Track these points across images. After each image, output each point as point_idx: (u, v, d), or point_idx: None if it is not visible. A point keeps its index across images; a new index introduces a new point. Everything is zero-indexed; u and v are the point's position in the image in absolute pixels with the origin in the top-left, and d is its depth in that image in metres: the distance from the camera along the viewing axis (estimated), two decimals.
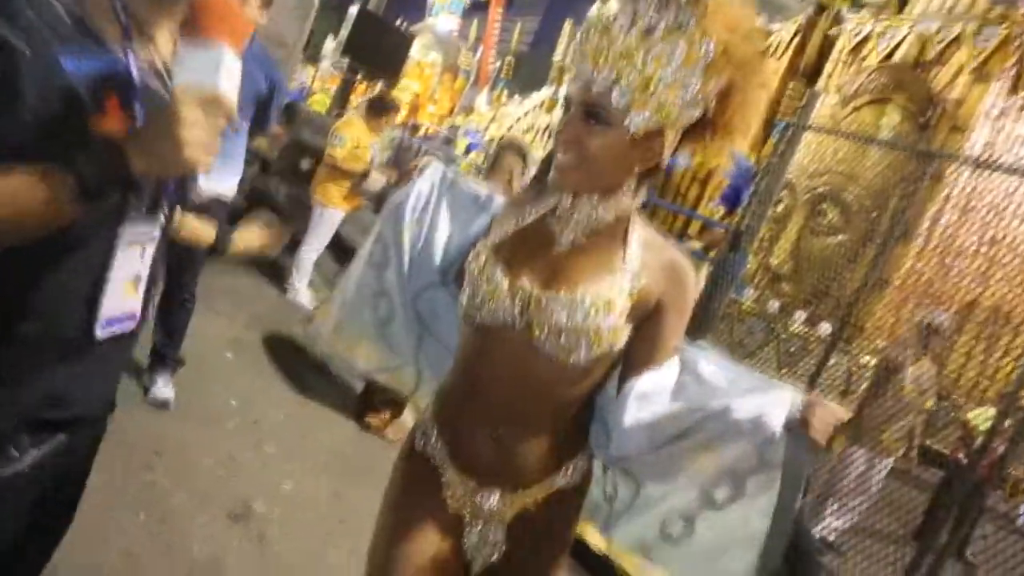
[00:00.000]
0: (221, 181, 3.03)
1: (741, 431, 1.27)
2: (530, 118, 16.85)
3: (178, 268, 3.15)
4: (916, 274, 7.96)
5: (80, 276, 1.05)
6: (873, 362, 6.36)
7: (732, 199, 7.81)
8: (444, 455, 1.38)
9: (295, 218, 5.50)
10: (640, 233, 1.31)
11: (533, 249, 1.31)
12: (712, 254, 5.85)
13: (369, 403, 3.77)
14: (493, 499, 1.35)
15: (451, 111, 20.07)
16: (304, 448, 3.32)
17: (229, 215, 4.25)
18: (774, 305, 7.94)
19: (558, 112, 15.67)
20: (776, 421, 1.25)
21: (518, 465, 1.34)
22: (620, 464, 1.43)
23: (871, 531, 4.72)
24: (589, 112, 1.20)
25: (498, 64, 22.21)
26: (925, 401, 4.81)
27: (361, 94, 13.80)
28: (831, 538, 4.66)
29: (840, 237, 8.19)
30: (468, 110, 19.71)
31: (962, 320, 7.70)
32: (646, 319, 1.29)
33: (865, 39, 9.27)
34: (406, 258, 1.57)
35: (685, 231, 9.92)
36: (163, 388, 3.21)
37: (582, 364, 1.25)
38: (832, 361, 5.50)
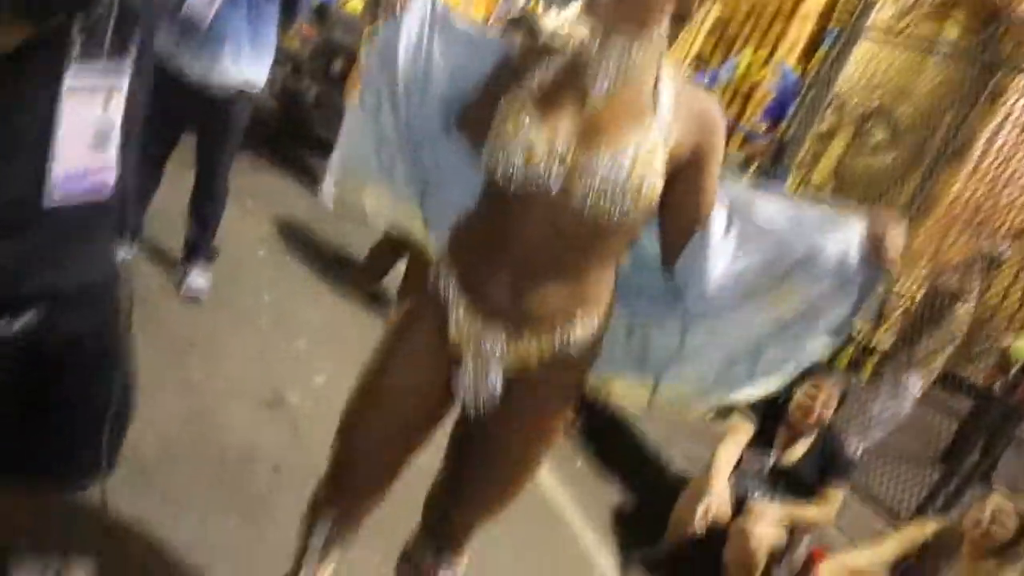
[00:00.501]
0: (249, 67, 2.95)
1: (826, 274, 1.31)
2: (567, 30, 16.33)
3: (210, 156, 3.12)
4: (964, 199, 7.70)
5: (20, 135, 0.94)
6: (913, 287, 6.22)
7: (776, 113, 7.55)
8: (456, 292, 1.36)
9: (327, 120, 5.42)
10: (671, 82, 1.29)
11: (565, 104, 1.26)
12: (753, 167, 5.67)
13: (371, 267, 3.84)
14: (498, 341, 1.33)
15: (487, 20, 19.50)
16: (335, 344, 3.33)
17: (257, 115, 4.20)
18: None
19: None
20: (855, 256, 1.29)
21: (530, 313, 1.31)
22: (696, 315, 1.42)
23: (898, 452, 4.71)
24: None
25: None
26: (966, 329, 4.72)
27: None
28: (857, 455, 4.66)
29: (887, 157, 7.91)
30: (505, 17, 19.13)
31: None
32: (687, 169, 1.30)
33: None
34: (403, 104, 1.46)
35: (726, 147, 9.67)
36: (197, 280, 3.23)
37: (618, 222, 1.25)
38: None
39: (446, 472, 1.52)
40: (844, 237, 1.30)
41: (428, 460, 1.60)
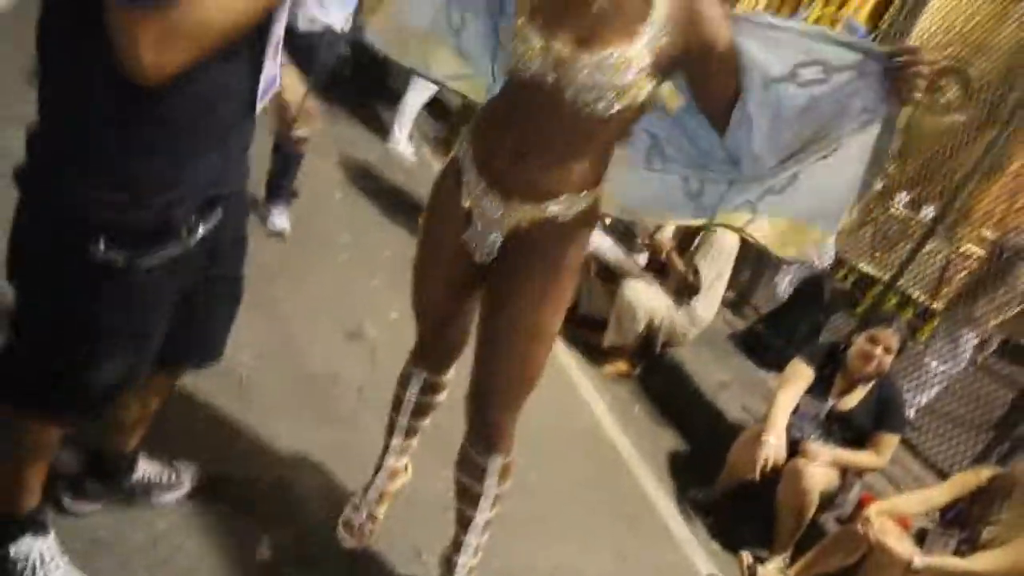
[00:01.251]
0: (334, 10, 3.08)
1: (857, 117, 1.45)
2: None
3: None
4: None
5: (240, 67, 1.14)
6: (978, 249, 6.12)
7: None
8: (470, 159, 1.58)
9: (399, 72, 5.52)
10: None
11: (570, 6, 1.40)
12: None
13: None
14: (496, 204, 1.55)
15: None
16: (408, 283, 3.49)
17: (334, 63, 4.31)
18: (876, 185, 7.61)
19: None
20: (879, 92, 1.42)
21: (527, 182, 1.51)
22: (752, 177, 1.59)
23: (953, 418, 4.72)
24: None
25: None
26: None
27: None
28: (911, 415, 4.69)
29: (957, 117, 7.66)
30: None
31: None
32: (690, 63, 1.44)
33: None
34: None
35: None
36: (279, 217, 3.41)
37: (606, 115, 1.41)
38: (929, 247, 5.35)
39: (475, 365, 1.70)
40: (872, 75, 1.41)
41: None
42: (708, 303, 3.75)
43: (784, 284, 5.68)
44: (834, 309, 4.71)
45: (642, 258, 4.02)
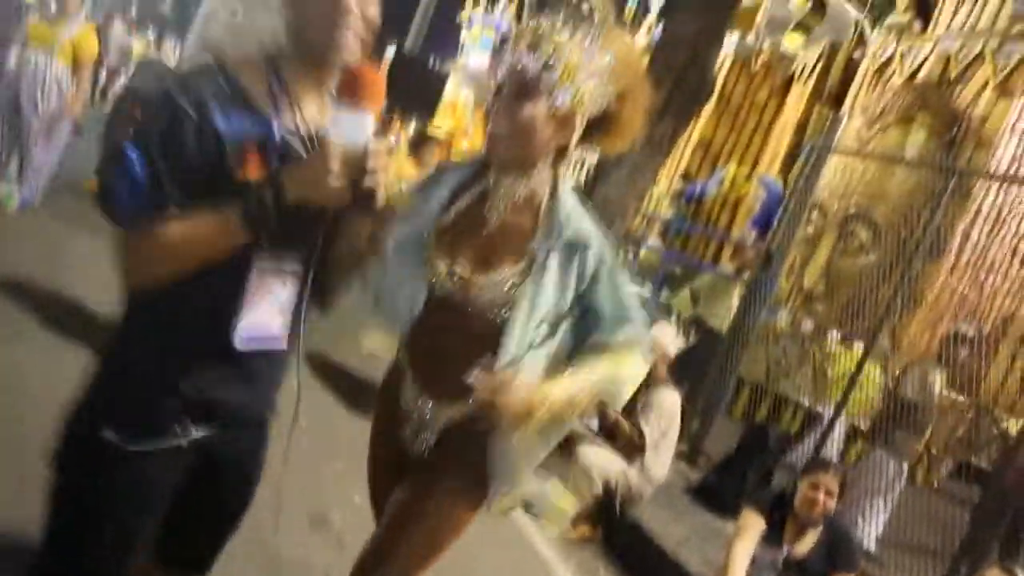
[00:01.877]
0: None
1: None
2: None
3: None
4: (949, 290, 8.03)
5: (219, 295, 1.29)
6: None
7: (764, 223, 7.99)
8: (406, 364, 1.75)
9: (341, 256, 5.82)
10: (565, 212, 1.60)
11: (468, 231, 1.62)
12: (745, 275, 6.05)
13: None
14: (428, 403, 1.70)
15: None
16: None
17: None
18: (808, 325, 8.06)
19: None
20: None
21: (453, 382, 1.59)
22: None
23: (914, 546, 4.83)
24: (521, 89, 1.50)
25: None
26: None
27: (396, 133, 14.28)
28: (872, 548, 4.80)
29: (871, 256, 8.27)
30: None
31: (998, 334, 7.76)
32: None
33: (889, 60, 9.44)
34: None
35: (718, 256, 10.10)
36: None
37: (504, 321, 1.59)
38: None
39: (377, 534, 1.78)
40: None
41: None
42: (660, 461, 3.91)
43: None
44: (779, 452, 4.91)
45: (593, 422, 4.19)
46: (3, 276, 4.24)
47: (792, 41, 11.47)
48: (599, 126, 1.60)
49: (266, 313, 1.34)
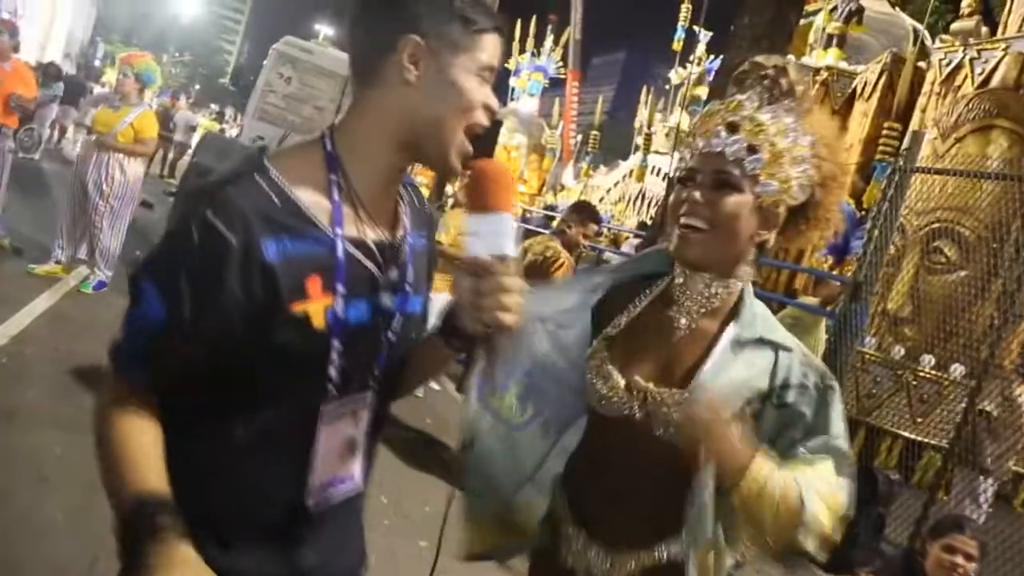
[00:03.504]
0: None
1: None
2: (620, 188, 17.04)
3: None
4: None
5: (283, 461, 1.08)
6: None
7: (840, 247, 7.64)
8: (565, 510, 1.43)
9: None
10: (758, 312, 1.36)
11: (647, 339, 1.36)
12: (831, 307, 5.73)
13: None
14: (601, 555, 1.38)
15: (540, 189, 20.55)
16: (455, 540, 3.42)
17: None
18: (898, 351, 7.61)
19: (651, 179, 15.43)
20: None
21: (633, 524, 1.35)
22: None
23: None
24: (721, 179, 1.27)
25: (579, 138, 22.72)
26: None
27: (453, 184, 14.36)
28: None
29: (960, 273, 7.80)
30: (557, 187, 20.13)
31: None
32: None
33: (957, 67, 9.04)
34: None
35: (790, 285, 9.71)
36: None
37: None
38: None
39: None
40: None
41: None
42: None
43: None
44: (892, 498, 4.54)
45: None
46: (80, 360, 4.27)
47: (822, 57, 11.26)
48: (798, 216, 1.36)
49: (340, 458, 1.13)
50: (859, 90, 10.88)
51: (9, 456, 3.11)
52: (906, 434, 7.00)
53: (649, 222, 12.56)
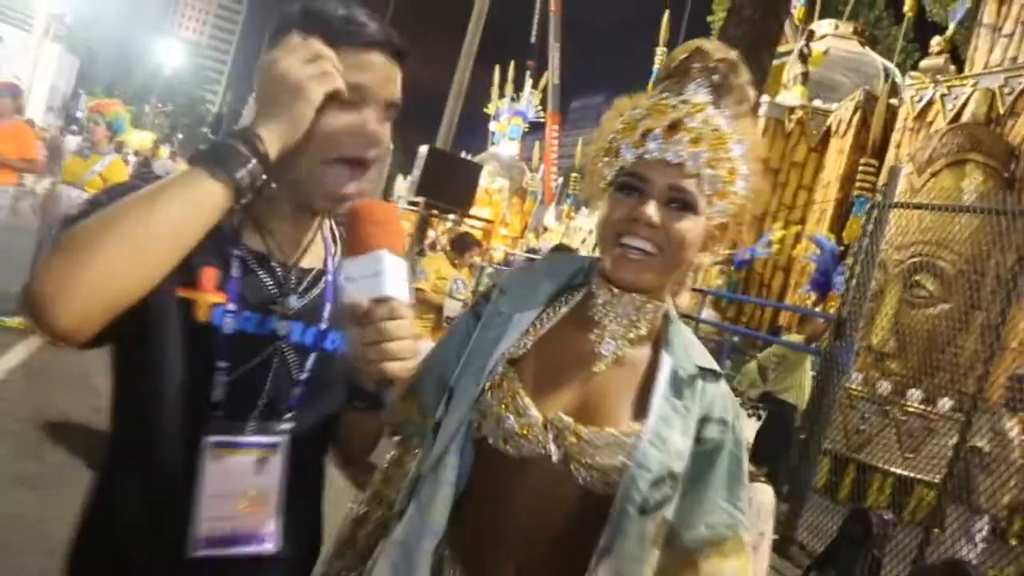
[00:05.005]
0: None
1: None
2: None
3: None
4: None
5: (166, 495, 0.96)
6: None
7: (822, 283, 7.67)
8: (454, 561, 1.12)
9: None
10: (684, 336, 1.16)
11: (563, 367, 1.12)
12: (816, 345, 5.70)
13: None
14: None
15: (522, 232, 20.62)
16: None
17: None
18: (884, 386, 7.58)
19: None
20: None
21: None
22: None
23: None
24: (676, 195, 1.06)
25: (560, 180, 22.91)
26: None
27: (435, 228, 14.36)
28: None
29: (942, 307, 7.81)
30: (539, 229, 20.21)
31: None
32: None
33: (929, 104, 9.22)
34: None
35: (775, 323, 9.71)
36: None
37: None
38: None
39: None
40: None
41: None
42: (761, 567, 3.52)
43: None
44: (887, 539, 4.44)
45: None
46: (53, 416, 4.14)
47: (789, 96, 11.50)
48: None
49: (240, 510, 0.99)
50: (834, 127, 11.06)
51: None
52: (896, 470, 6.93)
53: None
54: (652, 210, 1.05)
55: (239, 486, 0.98)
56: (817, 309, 7.63)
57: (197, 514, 0.96)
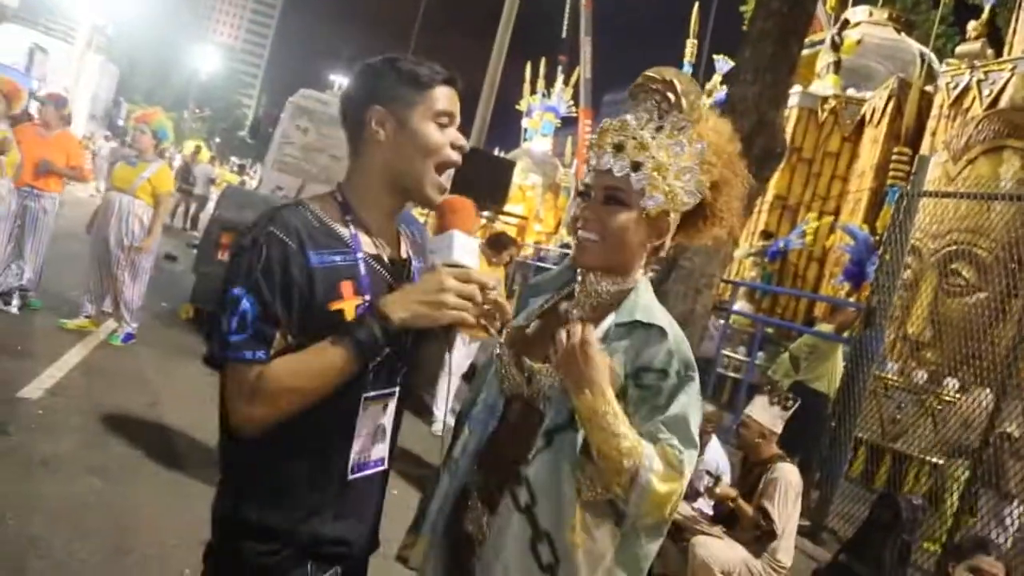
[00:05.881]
0: None
1: None
2: None
3: None
4: None
5: (331, 434, 1.31)
6: None
7: (856, 273, 7.64)
8: (474, 486, 1.54)
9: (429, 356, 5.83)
10: (640, 302, 1.43)
11: (545, 330, 1.50)
12: (847, 334, 5.74)
13: None
14: (488, 518, 1.48)
15: (556, 228, 20.72)
16: None
17: None
18: (921, 375, 7.53)
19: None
20: None
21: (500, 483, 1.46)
22: None
23: None
24: (610, 195, 1.42)
25: None
26: None
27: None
28: None
29: (979, 295, 7.72)
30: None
31: None
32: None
33: (965, 90, 9.10)
34: None
35: (810, 314, 9.68)
36: None
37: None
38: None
39: None
40: None
41: None
42: (786, 546, 3.62)
43: None
44: (917, 524, 4.49)
45: (705, 506, 3.95)
46: (111, 410, 4.40)
47: (822, 85, 11.37)
48: (695, 217, 1.50)
49: (370, 440, 1.36)
50: (868, 116, 10.96)
51: (45, 503, 3.20)
52: (932, 459, 6.91)
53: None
54: (589, 210, 1.44)
55: (373, 425, 1.36)
56: (851, 299, 7.61)
57: (354, 449, 1.33)
